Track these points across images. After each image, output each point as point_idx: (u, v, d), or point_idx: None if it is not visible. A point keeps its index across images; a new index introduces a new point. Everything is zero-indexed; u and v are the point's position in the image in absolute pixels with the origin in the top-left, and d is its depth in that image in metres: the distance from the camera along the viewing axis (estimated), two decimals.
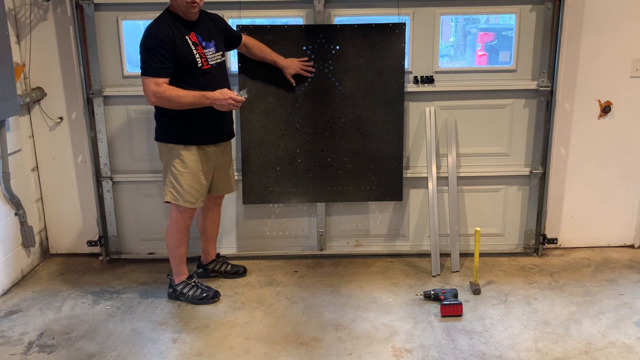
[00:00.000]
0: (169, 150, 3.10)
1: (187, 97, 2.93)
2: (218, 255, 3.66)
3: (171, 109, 2.99)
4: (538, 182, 3.82)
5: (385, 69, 3.54)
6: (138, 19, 3.71)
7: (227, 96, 2.97)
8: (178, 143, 3.08)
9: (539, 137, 3.74)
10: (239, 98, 3.01)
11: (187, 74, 2.97)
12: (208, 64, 3.04)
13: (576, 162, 3.84)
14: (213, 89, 2.99)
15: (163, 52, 2.88)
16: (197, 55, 2.99)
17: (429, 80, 3.66)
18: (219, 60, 3.12)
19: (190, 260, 3.82)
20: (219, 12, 3.54)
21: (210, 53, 3.06)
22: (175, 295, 3.32)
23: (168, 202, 3.19)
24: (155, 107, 3.07)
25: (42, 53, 3.65)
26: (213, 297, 3.28)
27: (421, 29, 3.60)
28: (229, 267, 3.61)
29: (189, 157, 3.08)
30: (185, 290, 3.28)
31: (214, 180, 3.29)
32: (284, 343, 2.87)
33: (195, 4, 2.93)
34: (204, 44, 3.03)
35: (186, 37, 2.96)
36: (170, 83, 2.94)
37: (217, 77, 3.10)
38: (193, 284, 3.31)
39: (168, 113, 3.02)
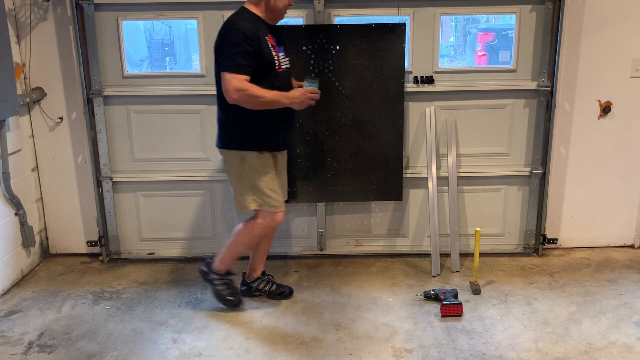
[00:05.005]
0: (241, 158, 2.95)
1: (268, 95, 2.82)
2: (264, 273, 3.40)
3: (247, 115, 2.86)
4: (538, 182, 3.82)
5: (385, 69, 3.54)
6: (138, 19, 3.73)
7: (305, 90, 2.91)
8: (252, 149, 2.94)
9: (539, 137, 3.74)
10: (316, 93, 2.93)
11: (263, 75, 2.85)
12: (281, 68, 2.96)
13: (576, 162, 3.84)
14: None
15: (248, 49, 2.76)
16: (275, 57, 2.91)
17: (429, 80, 3.66)
18: (288, 66, 3.04)
19: (193, 260, 3.84)
20: (219, 12, 3.56)
21: (282, 57, 2.98)
22: (208, 278, 3.22)
23: (241, 211, 3.06)
24: (226, 112, 2.93)
25: (42, 53, 3.65)
26: (238, 303, 3.20)
27: (421, 29, 3.60)
28: (273, 287, 3.35)
29: (264, 162, 2.97)
30: (217, 284, 3.20)
31: None
32: (284, 343, 2.87)
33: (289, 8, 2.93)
34: (277, 47, 2.96)
35: (265, 37, 2.88)
36: None
37: (287, 81, 3.03)
38: (228, 281, 3.22)
39: (243, 118, 2.88)
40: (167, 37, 5.79)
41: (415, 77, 3.67)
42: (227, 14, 3.54)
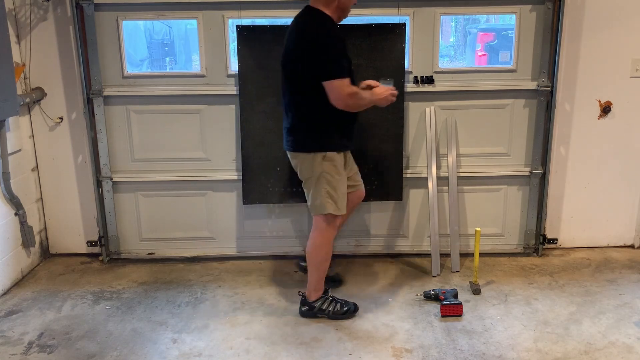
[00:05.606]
0: (320, 159, 2.88)
1: (367, 95, 2.83)
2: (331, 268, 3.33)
3: (326, 116, 2.81)
4: (538, 182, 3.82)
5: (385, 69, 3.53)
6: (138, 19, 3.72)
7: (387, 88, 2.89)
8: (332, 150, 2.89)
9: (539, 137, 3.74)
10: (395, 90, 2.92)
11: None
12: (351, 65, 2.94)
13: (576, 162, 3.84)
14: None
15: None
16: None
17: (429, 80, 3.66)
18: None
19: (194, 260, 3.83)
20: (219, 12, 3.56)
21: None
22: (312, 313, 3.11)
23: (317, 214, 2.99)
24: (304, 116, 2.87)
25: (42, 53, 3.65)
26: (354, 310, 3.13)
27: (421, 29, 3.60)
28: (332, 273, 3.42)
29: (339, 162, 2.94)
30: (324, 306, 3.10)
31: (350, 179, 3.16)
32: (284, 343, 2.87)
33: None
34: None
35: None
36: (319, 86, 2.75)
37: (354, 78, 2.97)
38: (330, 298, 3.13)
39: (322, 119, 2.84)
40: (167, 37, 5.79)
41: (415, 77, 3.66)
42: (227, 14, 3.56)
